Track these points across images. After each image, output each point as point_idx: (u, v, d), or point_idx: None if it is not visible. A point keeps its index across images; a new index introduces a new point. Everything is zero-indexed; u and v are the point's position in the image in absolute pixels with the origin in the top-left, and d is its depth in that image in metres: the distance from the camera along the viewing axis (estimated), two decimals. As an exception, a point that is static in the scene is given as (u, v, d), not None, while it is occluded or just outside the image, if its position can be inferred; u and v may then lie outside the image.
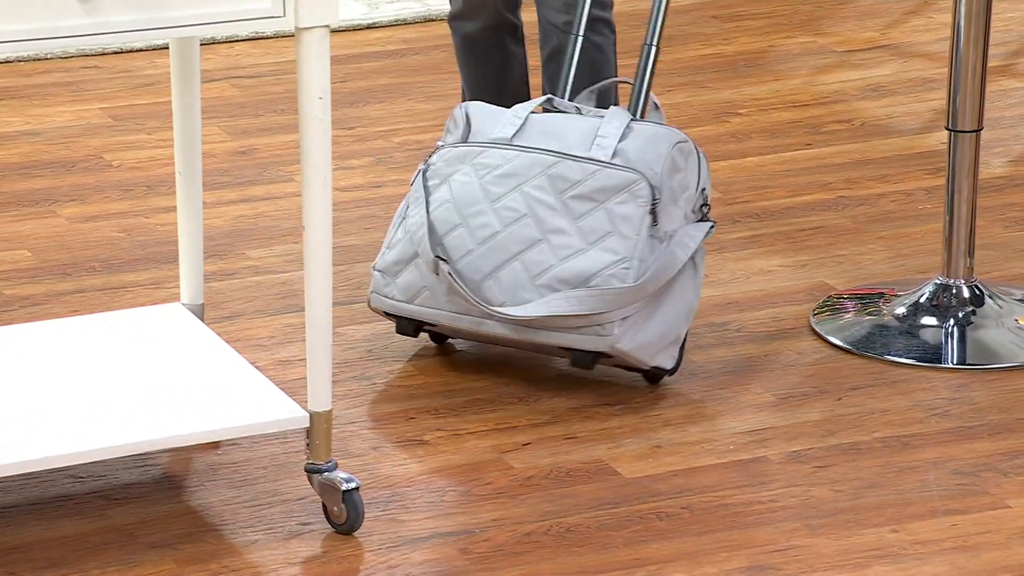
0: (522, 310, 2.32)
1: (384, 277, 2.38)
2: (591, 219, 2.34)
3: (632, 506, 2.16)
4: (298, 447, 2.29)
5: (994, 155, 3.05)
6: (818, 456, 2.26)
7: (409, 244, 2.36)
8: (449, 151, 2.38)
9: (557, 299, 2.31)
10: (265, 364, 2.47)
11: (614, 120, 2.37)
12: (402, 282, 2.37)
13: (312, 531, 2.13)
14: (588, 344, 2.33)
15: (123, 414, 2.12)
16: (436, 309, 2.36)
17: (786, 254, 2.76)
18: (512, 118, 2.39)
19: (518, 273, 2.34)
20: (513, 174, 2.36)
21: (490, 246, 2.34)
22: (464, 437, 2.31)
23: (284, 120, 3.21)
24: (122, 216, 2.89)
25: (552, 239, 2.33)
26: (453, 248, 2.35)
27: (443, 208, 2.36)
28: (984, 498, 2.17)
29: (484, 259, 2.34)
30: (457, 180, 2.37)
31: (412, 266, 2.36)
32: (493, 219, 2.35)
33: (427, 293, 2.35)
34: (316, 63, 2.03)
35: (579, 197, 2.34)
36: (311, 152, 2.06)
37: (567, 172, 2.35)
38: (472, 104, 2.42)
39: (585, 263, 2.33)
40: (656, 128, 2.38)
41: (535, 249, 2.33)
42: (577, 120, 2.39)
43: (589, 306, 2.31)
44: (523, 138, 2.38)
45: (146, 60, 3.42)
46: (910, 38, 3.52)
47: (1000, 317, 2.53)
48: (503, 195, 2.35)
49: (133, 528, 2.13)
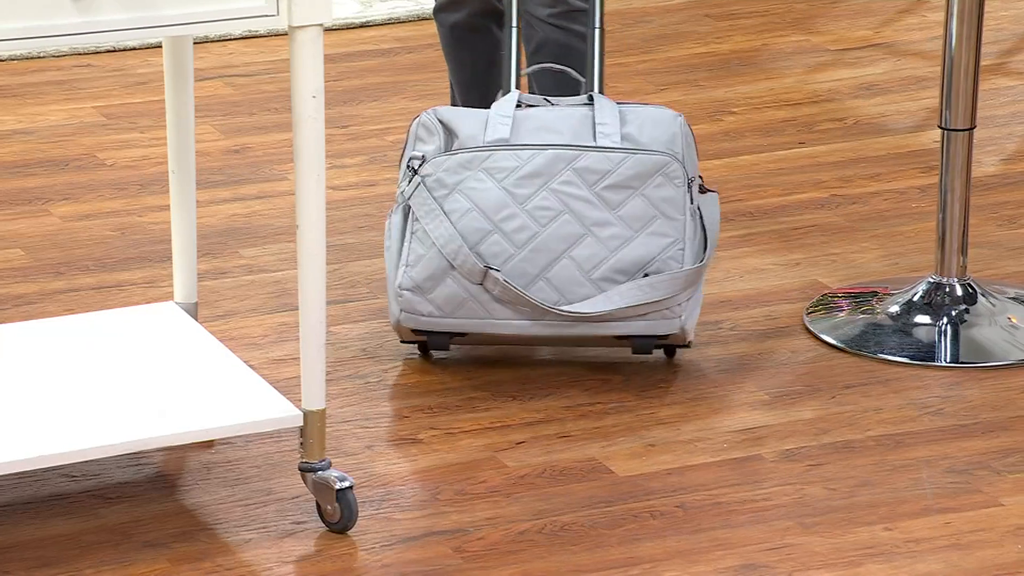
0: (592, 305, 2.32)
1: (416, 295, 2.33)
2: (630, 206, 2.33)
3: (626, 504, 2.16)
4: (292, 446, 2.29)
5: (987, 153, 3.06)
6: (811, 454, 2.27)
7: (439, 258, 2.31)
8: (446, 159, 2.35)
9: (630, 289, 2.32)
10: (259, 363, 2.47)
11: (605, 107, 2.37)
12: (439, 297, 2.32)
13: (306, 530, 2.13)
14: (657, 329, 2.34)
15: (117, 413, 2.12)
16: (481, 319, 2.33)
17: (779, 253, 2.76)
18: (500, 118, 2.37)
19: (570, 271, 2.32)
20: (537, 173, 2.34)
21: (532, 248, 2.32)
22: (458, 436, 2.31)
23: (277, 119, 3.21)
24: (115, 215, 2.88)
25: (597, 232, 2.33)
26: (491, 256, 2.32)
27: (468, 217, 2.33)
28: (977, 496, 2.17)
29: (529, 262, 2.32)
30: (472, 187, 2.34)
31: (449, 280, 2.32)
32: (528, 221, 2.33)
33: (470, 304, 2.32)
34: (309, 62, 2.03)
35: (613, 187, 2.34)
36: (304, 151, 2.06)
37: (593, 164, 2.34)
38: (440, 109, 2.38)
39: (640, 250, 2.33)
40: (648, 109, 2.38)
41: (582, 244, 2.33)
42: (564, 112, 2.38)
43: (664, 291, 2.32)
44: (520, 137, 2.37)
45: (139, 59, 3.42)
46: (903, 37, 3.52)
47: (993, 315, 2.53)
48: (531, 196, 2.33)
49: (127, 527, 2.13)
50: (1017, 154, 3.06)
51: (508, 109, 2.37)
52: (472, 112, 2.38)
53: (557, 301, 2.33)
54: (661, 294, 2.32)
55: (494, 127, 2.36)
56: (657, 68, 3.37)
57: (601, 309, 2.31)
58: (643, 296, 2.31)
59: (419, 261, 2.34)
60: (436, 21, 2.72)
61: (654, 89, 3.30)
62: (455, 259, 2.31)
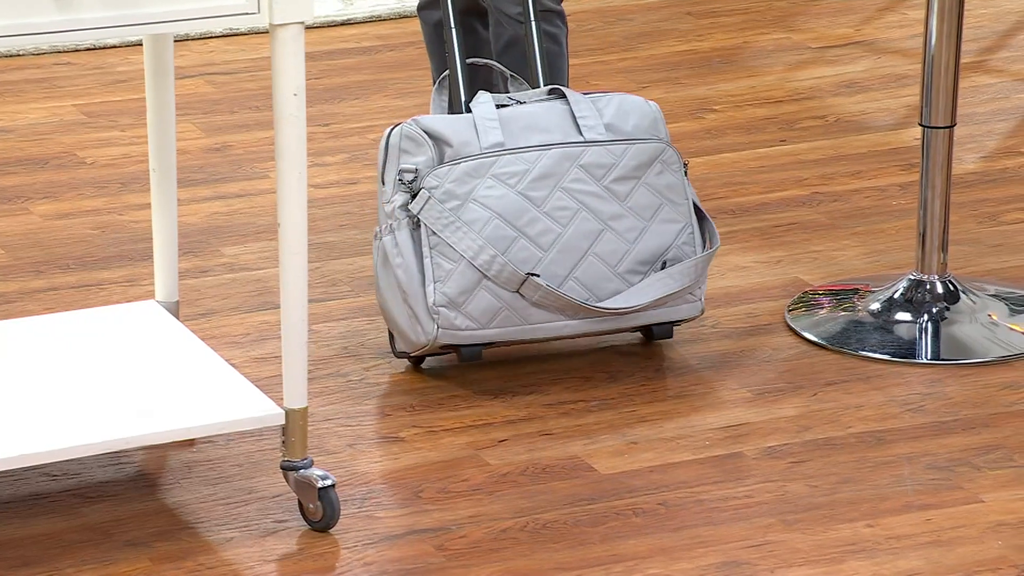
0: (626, 299, 2.35)
1: (451, 310, 2.31)
2: (637, 196, 2.36)
3: (608, 502, 2.17)
4: (274, 444, 2.29)
5: (967, 151, 3.06)
6: (793, 452, 2.27)
7: (470, 270, 2.30)
8: (449, 169, 2.32)
9: (659, 279, 2.36)
10: (240, 361, 2.46)
11: (580, 100, 2.38)
12: (475, 309, 2.32)
13: (288, 528, 2.12)
14: (681, 314, 2.40)
15: (97, 412, 2.11)
16: (517, 326, 2.33)
17: (761, 250, 2.76)
18: (488, 122, 2.36)
19: (597, 267, 2.35)
20: (547, 174, 2.34)
21: (559, 249, 2.33)
22: (440, 434, 2.31)
23: (259, 117, 3.20)
24: (96, 213, 2.88)
25: (614, 225, 2.36)
26: (520, 262, 2.32)
27: (491, 226, 2.32)
28: (958, 493, 2.18)
29: (558, 264, 2.34)
30: (486, 195, 2.33)
31: (482, 290, 2.31)
32: (550, 223, 2.33)
33: (506, 312, 2.32)
34: (291, 60, 2.03)
35: (619, 179, 2.36)
36: (286, 149, 2.05)
37: (598, 158, 2.36)
38: (420, 119, 2.36)
39: (656, 240, 2.37)
40: (616, 96, 2.40)
41: (602, 240, 2.35)
42: (541, 108, 2.39)
43: (688, 278, 2.37)
44: (514, 138, 2.36)
45: (119, 57, 3.41)
46: (884, 35, 3.53)
47: (974, 312, 2.54)
48: (547, 197, 2.34)
49: (108, 526, 2.13)
50: (997, 151, 3.07)
51: (492, 112, 2.37)
52: (454, 119, 2.36)
53: (588, 298, 2.36)
54: (686, 281, 2.37)
55: (486, 132, 2.35)
56: (638, 66, 3.37)
57: (635, 303, 2.35)
58: (672, 285, 2.36)
59: (449, 276, 2.31)
60: (420, 19, 2.72)
61: (636, 87, 3.30)
62: (489, 269, 2.31)
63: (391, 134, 2.37)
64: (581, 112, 2.36)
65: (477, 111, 2.37)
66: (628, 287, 2.36)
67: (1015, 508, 2.15)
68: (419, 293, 2.33)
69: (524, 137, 2.37)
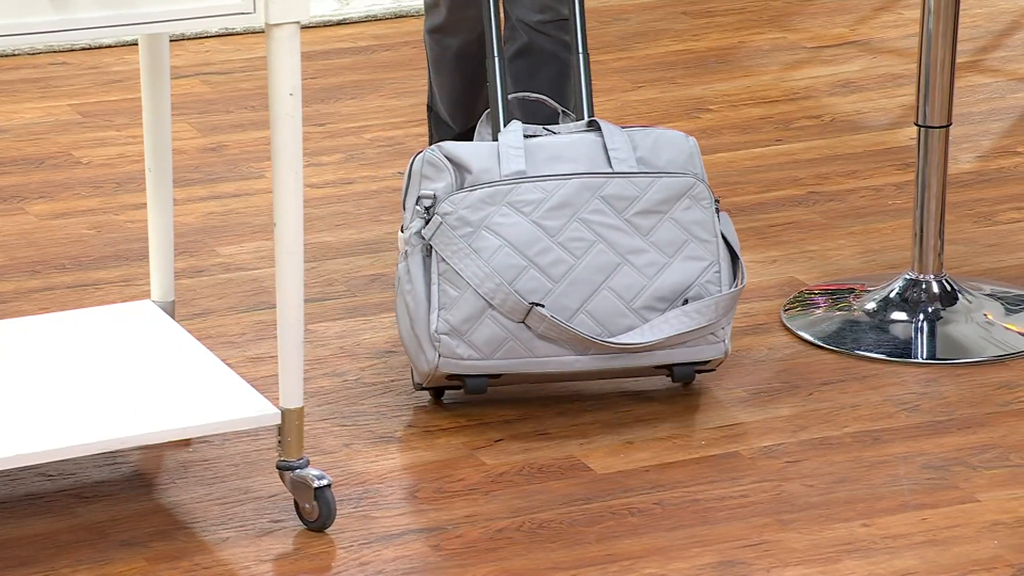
0: (639, 335, 2.28)
1: (453, 338, 2.26)
2: (661, 231, 2.30)
3: (604, 502, 2.17)
4: (270, 444, 2.29)
5: (963, 150, 3.07)
6: (789, 451, 2.27)
7: (475, 298, 2.25)
8: (465, 195, 2.28)
9: (676, 316, 2.28)
10: (236, 361, 2.46)
11: (614, 132, 2.33)
12: (478, 339, 2.27)
13: (284, 528, 2.12)
14: (701, 355, 2.31)
15: (93, 412, 2.11)
16: (523, 358, 2.27)
17: (757, 250, 2.76)
18: (512, 150, 2.31)
19: (611, 301, 2.28)
20: (565, 204, 2.29)
21: (571, 281, 2.27)
22: (436, 434, 2.31)
23: (255, 116, 3.20)
24: (91, 213, 2.88)
25: (632, 260, 2.29)
26: (529, 292, 2.27)
27: (501, 254, 2.27)
28: (954, 492, 2.18)
29: (568, 296, 2.27)
30: (499, 223, 2.28)
31: (487, 320, 2.26)
32: (563, 254, 2.28)
33: (511, 343, 2.27)
34: (287, 59, 2.02)
35: (642, 213, 2.30)
36: (282, 149, 2.05)
37: (621, 191, 2.29)
38: (445, 146, 2.32)
39: (677, 276, 2.30)
40: (655, 131, 2.35)
41: (619, 273, 2.28)
42: (572, 139, 2.33)
43: (708, 317, 2.29)
44: (536, 168, 2.31)
45: (115, 56, 3.41)
46: (879, 34, 3.53)
47: (969, 312, 2.54)
48: (562, 227, 2.28)
49: (104, 526, 2.13)
50: (993, 151, 3.07)
51: (518, 140, 2.31)
52: (479, 146, 2.32)
53: (600, 334, 2.29)
54: (706, 320, 2.29)
55: (508, 160, 2.30)
56: (634, 66, 3.37)
57: (648, 339, 2.28)
58: (690, 323, 2.28)
59: (454, 303, 2.27)
60: (430, 40, 2.67)
61: (631, 87, 3.30)
62: (494, 298, 2.26)
63: (415, 160, 2.33)
64: (614, 144, 2.31)
65: (503, 139, 2.31)
66: (643, 323, 2.29)
67: (1011, 507, 2.15)
68: (424, 320, 2.28)
69: (548, 167, 2.31)
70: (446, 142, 2.34)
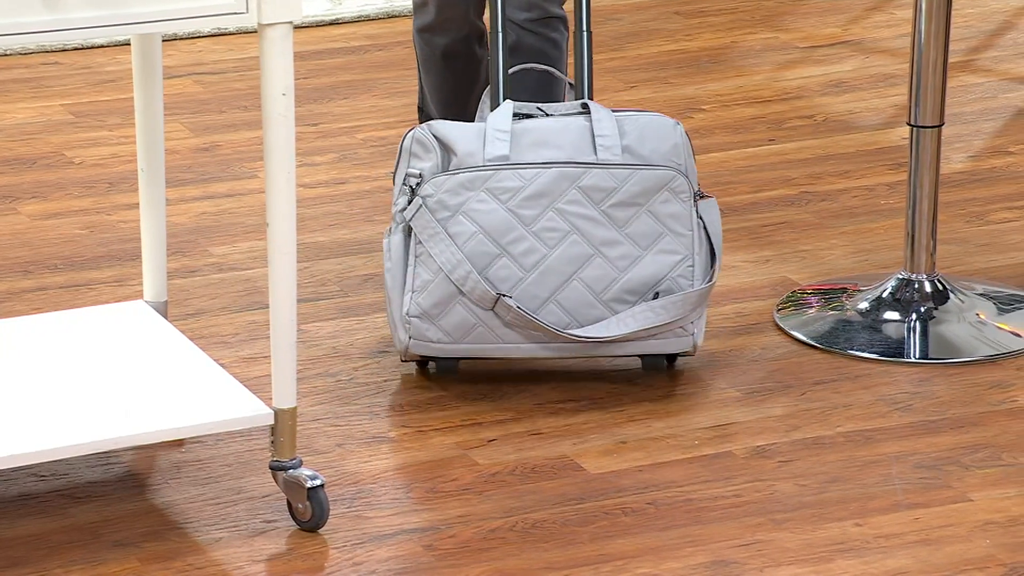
0: (604, 328, 2.29)
1: (424, 321, 2.29)
2: (637, 224, 2.31)
3: (597, 502, 2.17)
4: (262, 444, 2.29)
5: (955, 150, 3.07)
6: (782, 451, 2.27)
7: (446, 284, 2.28)
8: (446, 179, 2.30)
9: (642, 311, 2.29)
10: (229, 361, 2.46)
11: (603, 118, 2.33)
12: (448, 323, 2.29)
13: (277, 528, 2.12)
14: (669, 347, 2.33)
15: (86, 412, 2.11)
16: (491, 344, 2.30)
17: (749, 250, 2.76)
18: (497, 133, 2.32)
19: (580, 292, 2.30)
20: (542, 193, 2.30)
21: (542, 271, 2.29)
22: (429, 434, 2.31)
23: (247, 116, 3.20)
24: (84, 213, 2.87)
25: (606, 251, 2.30)
26: (500, 280, 2.29)
27: (474, 241, 2.29)
28: (946, 491, 2.19)
29: (538, 285, 2.29)
30: (476, 209, 2.30)
31: (457, 305, 2.28)
32: (536, 243, 2.29)
33: (480, 329, 2.29)
34: (279, 59, 2.02)
35: (619, 204, 2.30)
36: (275, 148, 2.05)
37: (600, 181, 2.30)
38: (435, 124, 2.33)
39: (649, 269, 2.31)
40: (644, 117, 2.35)
41: (591, 265, 2.30)
42: (561, 123, 2.34)
43: (675, 312, 2.30)
44: (520, 153, 2.32)
45: (107, 56, 3.41)
46: (871, 34, 3.53)
47: (962, 312, 2.54)
48: (537, 217, 2.29)
49: (96, 527, 2.13)
50: (985, 151, 3.08)
51: (505, 123, 2.32)
52: (468, 127, 2.33)
53: (568, 324, 2.31)
54: (673, 316, 2.31)
55: (492, 143, 2.31)
56: (627, 66, 3.38)
57: (614, 333, 2.29)
58: (655, 319, 2.30)
59: (426, 287, 2.29)
60: (419, 39, 2.68)
61: (624, 87, 3.30)
62: (464, 285, 2.28)
63: (406, 137, 2.35)
64: (601, 130, 2.31)
65: (491, 121, 2.32)
66: (612, 315, 2.31)
67: (1003, 507, 2.16)
68: (398, 300, 2.32)
69: (532, 152, 2.32)
70: (437, 121, 2.36)
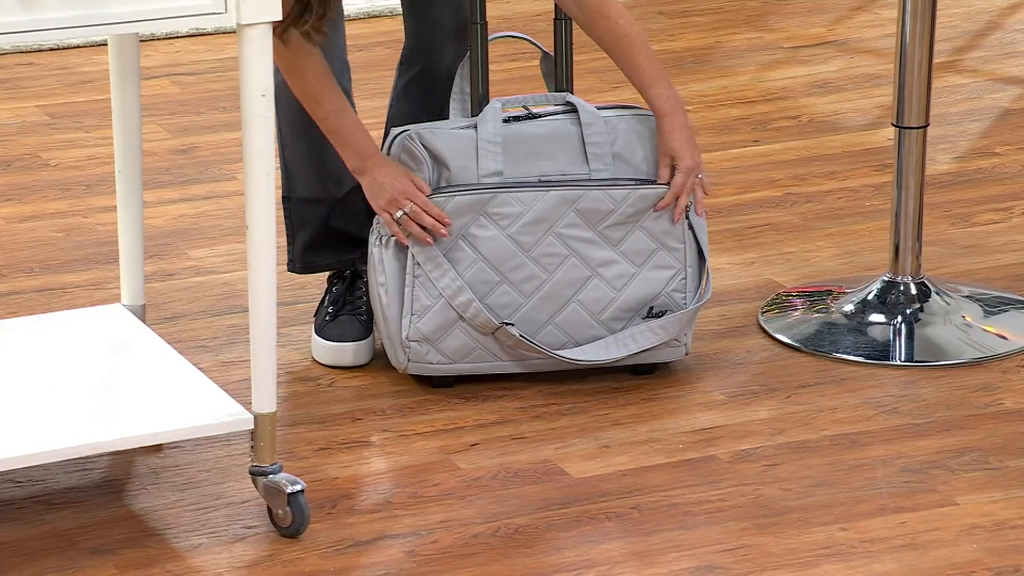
0: (604, 351, 2.33)
1: (423, 345, 2.31)
2: (631, 241, 2.33)
3: (581, 506, 2.17)
4: (242, 449, 2.29)
5: (940, 151, 3.08)
6: (767, 455, 2.28)
7: (447, 309, 2.29)
8: (445, 201, 2.29)
9: (640, 332, 2.33)
10: (208, 365, 2.46)
11: (593, 122, 2.34)
12: (448, 347, 2.31)
13: (257, 534, 2.12)
14: (665, 357, 2.38)
15: (63, 417, 2.11)
16: (491, 362, 2.33)
17: (734, 252, 2.77)
18: (488, 145, 2.31)
19: (579, 314, 2.33)
20: (540, 219, 2.31)
21: (541, 296, 2.32)
22: (411, 438, 2.32)
23: (226, 118, 3.20)
24: (60, 216, 2.87)
25: (602, 272, 2.33)
26: (500, 307, 2.31)
27: (475, 268, 2.30)
28: (932, 495, 2.19)
29: (537, 310, 2.32)
30: (475, 235, 2.30)
31: (457, 330, 2.30)
32: (536, 269, 2.31)
33: (480, 351, 2.32)
34: (259, 60, 2.02)
35: (614, 225, 2.33)
36: (254, 150, 2.05)
37: (597, 204, 2.32)
38: (423, 133, 2.31)
39: (644, 287, 2.34)
40: (632, 121, 2.35)
41: (588, 287, 2.32)
42: (551, 128, 2.34)
43: (672, 331, 2.34)
44: (514, 166, 2.32)
45: (84, 57, 3.40)
46: (856, 34, 3.55)
47: (947, 314, 2.55)
48: (537, 242, 2.31)
49: (73, 533, 2.12)
50: (970, 152, 3.09)
51: (496, 133, 2.31)
52: (456, 137, 2.32)
53: (565, 343, 2.34)
54: (671, 334, 2.35)
55: (486, 157, 2.31)
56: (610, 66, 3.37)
57: (614, 356, 2.34)
58: (654, 339, 2.34)
59: (426, 312, 2.31)
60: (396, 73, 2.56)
61: (607, 87, 3.31)
62: (465, 312, 2.30)
63: (393, 143, 2.34)
64: (592, 137, 2.32)
65: (481, 131, 2.32)
66: (610, 334, 2.34)
67: (989, 511, 2.17)
68: (396, 321, 2.33)
69: (527, 164, 2.32)
70: (422, 128, 2.33)
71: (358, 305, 2.46)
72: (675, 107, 2.32)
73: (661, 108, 2.33)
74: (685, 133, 2.33)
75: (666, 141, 2.33)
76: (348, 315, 2.45)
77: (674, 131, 2.32)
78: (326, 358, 2.45)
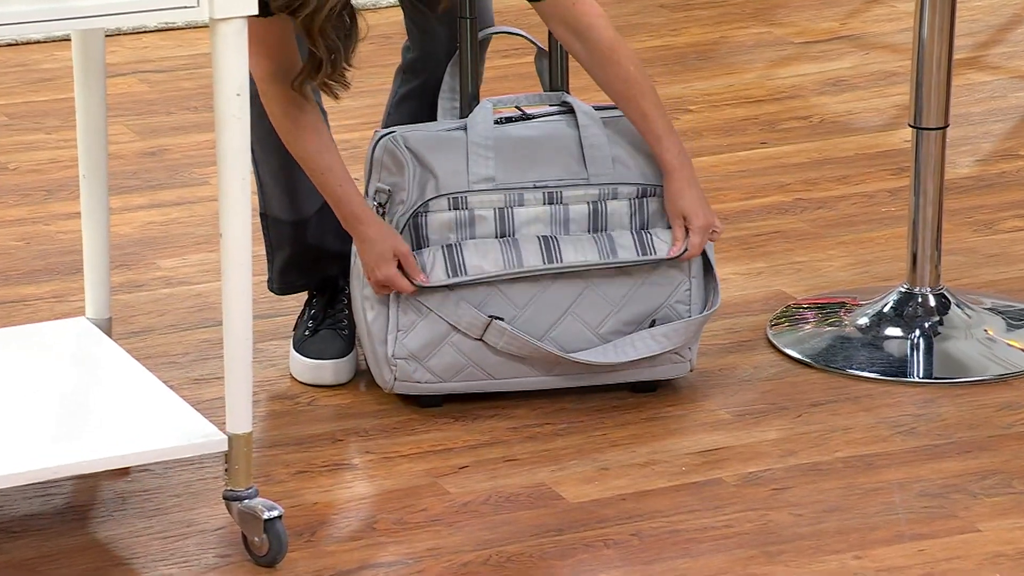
0: (603, 354, 2.33)
1: (410, 363, 2.32)
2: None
3: (577, 533, 2.18)
4: (215, 473, 2.29)
5: (961, 154, 3.10)
6: (776, 478, 2.29)
7: (436, 323, 2.30)
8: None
9: (643, 339, 2.33)
10: (179, 383, 2.47)
11: (589, 124, 2.34)
12: (437, 364, 2.32)
13: (231, 563, 2.13)
14: (665, 374, 2.38)
15: (23, 439, 2.11)
16: (482, 380, 2.33)
17: (741, 261, 2.78)
18: (480, 149, 2.31)
19: (576, 327, 2.34)
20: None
21: (536, 308, 2.32)
22: (396, 460, 2.32)
23: (198, 118, 3.20)
24: (20, 223, 2.88)
25: (601, 284, 2.33)
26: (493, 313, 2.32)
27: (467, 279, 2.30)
28: (953, 521, 2.20)
29: (532, 323, 2.32)
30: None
31: (447, 346, 2.31)
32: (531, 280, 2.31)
33: (470, 369, 2.32)
34: (233, 57, 2.03)
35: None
36: (228, 153, 2.06)
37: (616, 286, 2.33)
38: (408, 136, 2.32)
39: (645, 301, 2.35)
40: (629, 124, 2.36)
41: (586, 298, 2.33)
42: (546, 130, 2.34)
43: (676, 340, 2.35)
44: (507, 170, 2.32)
45: (44, 53, 3.41)
46: (871, 28, 3.56)
47: (969, 327, 2.56)
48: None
49: (34, 563, 2.13)
50: (993, 154, 3.10)
51: (487, 136, 2.32)
52: (446, 139, 2.32)
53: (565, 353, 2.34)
54: (675, 343, 2.35)
55: (477, 162, 2.31)
56: (608, 63, 3.39)
57: (612, 360, 2.33)
58: (656, 348, 2.34)
59: (413, 327, 2.31)
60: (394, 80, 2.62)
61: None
62: (458, 319, 2.30)
63: (377, 145, 2.35)
64: (590, 139, 2.33)
65: (472, 134, 2.33)
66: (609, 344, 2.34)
67: (1014, 538, 2.17)
68: (380, 338, 2.33)
69: (519, 170, 2.33)
70: (408, 130, 2.33)
71: (340, 319, 2.47)
72: (684, 162, 2.34)
73: (670, 163, 2.34)
74: (695, 191, 2.34)
75: (676, 200, 2.35)
76: (329, 330, 2.46)
77: (683, 189, 2.34)
78: (305, 376, 2.46)
